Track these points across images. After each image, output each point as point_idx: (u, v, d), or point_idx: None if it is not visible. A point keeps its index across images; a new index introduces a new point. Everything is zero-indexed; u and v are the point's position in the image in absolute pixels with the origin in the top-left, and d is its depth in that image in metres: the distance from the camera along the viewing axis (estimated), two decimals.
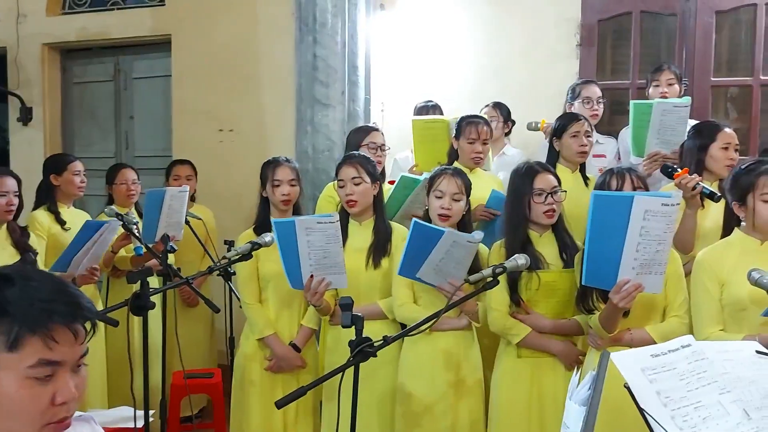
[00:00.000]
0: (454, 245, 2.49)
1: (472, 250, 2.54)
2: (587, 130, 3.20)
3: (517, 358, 2.61)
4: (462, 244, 2.49)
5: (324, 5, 4.29)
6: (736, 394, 1.40)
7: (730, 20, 4.26)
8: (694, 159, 2.93)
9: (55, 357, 1.07)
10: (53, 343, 1.06)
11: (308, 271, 2.61)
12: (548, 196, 2.57)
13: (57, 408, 1.08)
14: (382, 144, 3.42)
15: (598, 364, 1.34)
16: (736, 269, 2.27)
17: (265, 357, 2.93)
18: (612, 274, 2.20)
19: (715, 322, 2.34)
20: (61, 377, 1.08)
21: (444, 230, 2.49)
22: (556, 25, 4.48)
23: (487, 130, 3.32)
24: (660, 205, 2.11)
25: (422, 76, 4.74)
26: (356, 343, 1.91)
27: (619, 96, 4.41)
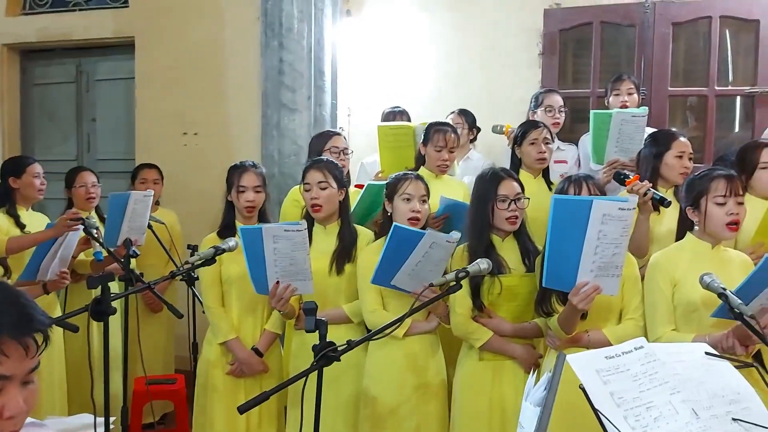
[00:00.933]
0: (434, 246, 2.51)
1: (449, 250, 2.57)
2: (546, 138, 3.26)
3: (479, 361, 2.65)
4: (441, 244, 2.52)
5: (290, 10, 4.30)
6: (686, 395, 1.45)
7: (687, 32, 4.40)
8: (650, 166, 3.02)
9: (4, 371, 1.05)
10: (2, 357, 1.04)
11: (274, 278, 2.61)
12: (512, 203, 2.62)
13: (4, 422, 1.06)
14: (344, 148, 3.44)
15: (554, 365, 1.38)
16: (688, 272, 2.35)
17: (227, 362, 2.92)
18: (571, 276, 2.25)
19: (667, 322, 2.42)
20: (10, 391, 1.06)
21: (424, 232, 2.52)
22: (519, 34, 4.56)
23: (455, 138, 3.37)
24: (617, 209, 2.17)
25: (388, 82, 4.78)
26: (320, 348, 1.92)
27: (580, 104, 4.51)
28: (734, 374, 1.53)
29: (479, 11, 4.64)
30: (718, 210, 2.37)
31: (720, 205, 2.36)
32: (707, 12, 4.21)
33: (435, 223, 3.04)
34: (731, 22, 4.23)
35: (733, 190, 2.36)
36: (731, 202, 2.35)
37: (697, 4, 4.23)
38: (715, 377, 1.50)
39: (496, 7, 4.60)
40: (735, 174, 2.44)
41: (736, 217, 2.36)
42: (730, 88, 4.30)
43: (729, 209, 2.36)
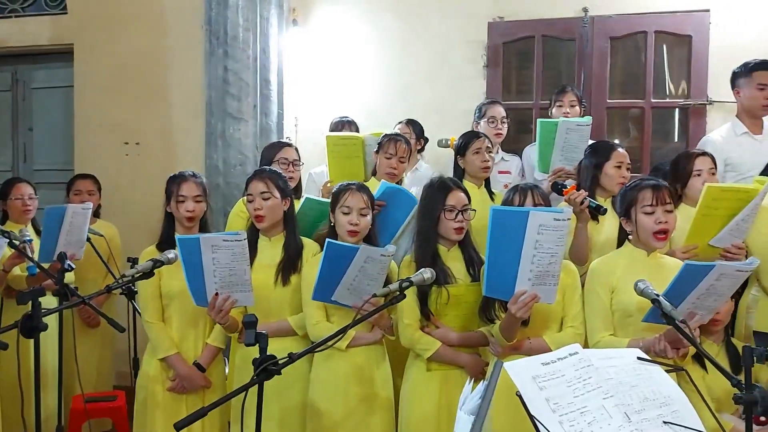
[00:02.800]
0: (369, 261, 2.51)
1: (385, 264, 2.56)
2: (488, 147, 3.32)
3: (426, 372, 2.65)
4: (376, 258, 2.52)
5: (235, 19, 4.26)
6: (619, 399, 1.49)
7: (624, 46, 4.55)
8: (590, 176, 3.10)
9: None
10: None
11: (213, 289, 2.56)
12: (459, 214, 2.64)
13: None
14: (294, 159, 3.41)
15: (490, 373, 1.39)
16: (625, 278, 2.42)
17: (168, 377, 2.84)
18: (510, 285, 2.30)
19: (605, 327, 2.48)
20: None
21: (358, 247, 2.51)
22: (464, 47, 4.64)
23: (405, 149, 3.39)
24: (553, 219, 2.22)
25: (335, 92, 4.78)
26: (260, 362, 1.89)
27: (523, 115, 4.61)
28: (665, 378, 1.57)
29: (426, 23, 4.69)
30: (647, 219, 2.44)
31: (648, 215, 2.44)
32: (643, 27, 4.36)
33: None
34: (665, 37, 4.39)
35: (660, 199, 2.44)
36: (659, 210, 2.43)
37: (633, 19, 4.38)
38: (647, 381, 1.54)
39: (441, 19, 4.66)
40: (662, 183, 2.53)
41: (665, 226, 2.44)
42: (665, 100, 4.46)
43: (657, 218, 2.43)
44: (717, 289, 2.25)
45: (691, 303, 2.25)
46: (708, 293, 2.25)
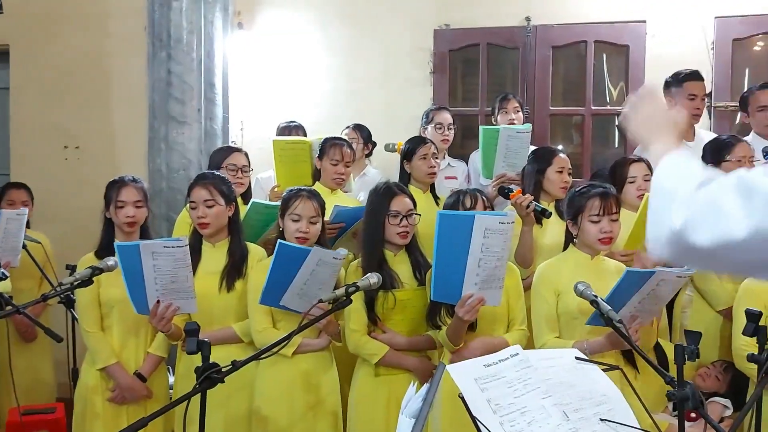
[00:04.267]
0: (320, 264, 2.49)
1: (336, 268, 2.55)
2: (435, 152, 3.36)
3: (374, 377, 2.65)
4: (328, 262, 2.50)
5: (179, 21, 4.19)
6: (557, 398, 1.52)
7: (565, 55, 4.68)
8: (533, 181, 3.18)
9: None
10: None
11: (154, 297, 2.50)
12: (403, 219, 2.65)
13: None
14: (244, 165, 3.36)
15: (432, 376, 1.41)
16: (569, 282, 2.47)
17: (108, 388, 2.77)
18: (457, 289, 2.33)
19: (551, 329, 2.55)
20: None
21: (310, 249, 2.49)
22: (412, 53, 4.68)
23: (351, 153, 3.39)
24: (498, 223, 2.27)
25: (282, 96, 4.76)
26: (202, 370, 1.87)
27: (469, 121, 4.68)
28: (602, 377, 1.62)
29: (373, 29, 4.72)
30: (593, 227, 2.52)
31: (594, 223, 2.52)
32: (583, 36, 4.50)
33: (329, 231, 3.04)
34: (605, 47, 4.54)
35: (607, 209, 2.52)
36: (605, 220, 2.51)
37: (574, 28, 4.51)
38: (584, 380, 1.59)
39: (389, 25, 4.69)
40: (611, 192, 2.60)
41: (610, 235, 2.53)
42: (605, 107, 4.61)
43: (602, 227, 2.52)
44: (658, 294, 2.34)
45: (633, 307, 2.33)
46: (649, 298, 2.33)
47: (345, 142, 3.41)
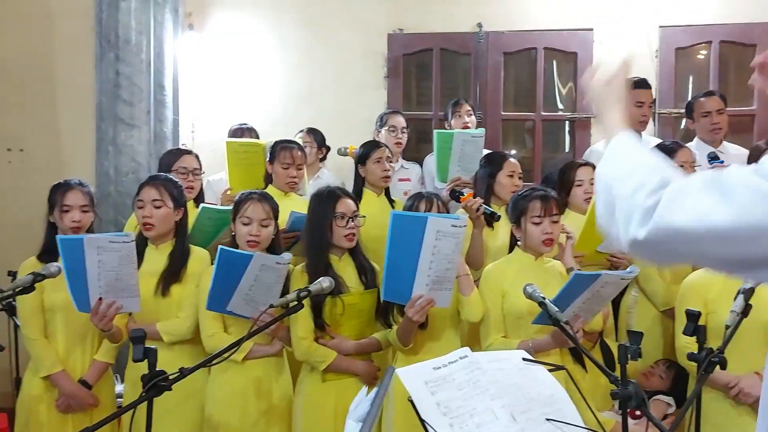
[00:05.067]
0: (264, 269, 2.47)
1: (281, 272, 2.53)
2: (389, 156, 3.38)
3: (322, 383, 2.64)
4: (271, 266, 2.48)
5: (127, 22, 4.10)
6: (505, 400, 1.54)
7: (516, 61, 4.76)
8: (485, 185, 3.24)
9: None
10: None
11: (97, 294, 2.44)
12: (349, 221, 2.66)
13: None
14: (195, 168, 3.31)
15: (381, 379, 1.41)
16: (515, 283, 2.53)
17: (53, 396, 2.68)
18: (408, 289, 2.35)
19: (497, 330, 2.60)
20: None
21: (252, 254, 2.47)
22: (366, 57, 4.69)
23: (302, 155, 3.36)
24: (450, 226, 2.30)
25: (234, 98, 4.72)
26: (149, 377, 1.83)
27: (424, 125, 4.72)
28: (548, 378, 1.64)
29: (328, 32, 4.71)
30: (535, 229, 2.58)
31: (536, 224, 2.58)
32: (533, 43, 4.58)
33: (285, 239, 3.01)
34: (554, 54, 4.64)
35: (548, 211, 2.59)
36: (546, 221, 2.57)
37: (524, 35, 4.59)
38: (531, 382, 1.61)
39: (344, 29, 4.70)
40: (551, 195, 2.67)
41: (551, 236, 2.59)
42: (555, 113, 4.71)
43: (544, 229, 2.58)
44: (601, 295, 2.41)
45: (578, 307, 2.39)
46: (593, 298, 2.39)
47: (296, 144, 3.39)
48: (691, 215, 0.97)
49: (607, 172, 1.14)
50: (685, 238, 0.98)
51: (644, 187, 1.03)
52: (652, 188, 1.02)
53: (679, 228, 0.98)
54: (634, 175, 1.07)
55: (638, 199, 1.03)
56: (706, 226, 0.96)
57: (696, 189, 0.99)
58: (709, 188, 0.98)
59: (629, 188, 1.06)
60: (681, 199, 0.99)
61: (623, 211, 1.05)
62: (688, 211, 0.98)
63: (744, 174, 0.98)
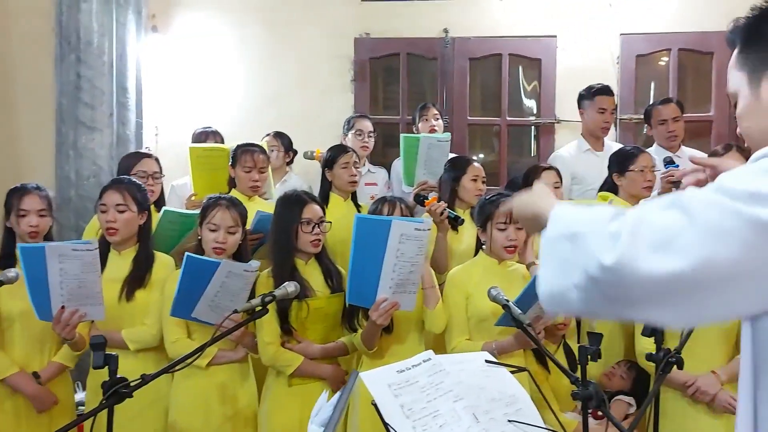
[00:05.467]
0: (230, 276, 2.45)
1: (249, 280, 2.51)
2: (356, 161, 3.38)
3: (288, 387, 2.62)
4: (238, 274, 2.46)
5: (89, 23, 4.04)
6: (468, 401, 1.57)
7: (482, 66, 4.82)
8: (449, 189, 3.26)
9: None
10: None
11: (59, 302, 2.39)
12: (315, 226, 2.65)
13: None
14: (155, 171, 3.26)
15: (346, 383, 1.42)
16: (479, 285, 2.55)
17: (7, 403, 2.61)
18: (372, 292, 2.36)
19: (461, 332, 2.62)
20: None
21: (219, 261, 2.45)
22: (332, 60, 4.70)
23: (264, 159, 3.34)
24: (414, 229, 2.31)
25: (199, 101, 4.68)
26: (109, 385, 1.80)
27: (390, 129, 4.74)
28: (510, 379, 1.67)
29: (294, 35, 4.70)
30: (500, 234, 2.61)
31: (501, 230, 2.61)
32: (498, 50, 4.65)
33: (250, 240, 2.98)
34: (519, 60, 4.71)
35: (513, 218, 2.61)
36: (511, 228, 2.61)
37: (490, 41, 4.65)
38: (494, 383, 1.64)
39: (309, 32, 4.69)
40: None
41: (514, 242, 2.63)
42: (520, 118, 4.77)
43: (508, 235, 2.61)
44: None
45: (539, 308, 2.42)
46: None
47: (257, 147, 3.36)
48: (676, 257, 0.89)
49: (553, 235, 1.06)
50: (658, 288, 0.91)
51: (602, 230, 0.95)
52: (616, 230, 0.94)
53: (651, 277, 0.90)
54: (590, 224, 0.99)
55: (591, 257, 0.94)
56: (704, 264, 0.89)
57: (661, 215, 0.93)
58: (675, 208, 0.92)
59: (573, 247, 0.99)
60: (653, 238, 0.91)
61: (563, 274, 0.99)
62: (666, 253, 0.90)
63: (707, 199, 0.92)
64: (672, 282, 0.89)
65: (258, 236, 3.01)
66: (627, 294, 0.92)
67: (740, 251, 0.88)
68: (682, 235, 0.89)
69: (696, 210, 0.91)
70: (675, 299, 0.91)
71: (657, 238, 0.90)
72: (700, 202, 0.92)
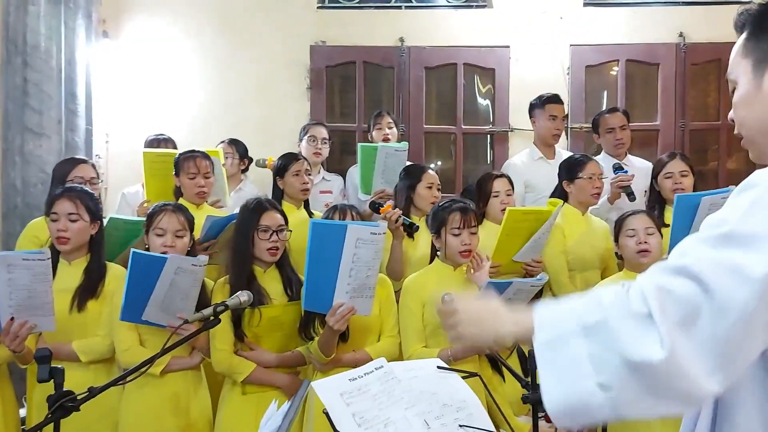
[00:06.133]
0: (180, 272, 2.41)
1: (198, 275, 2.48)
2: (308, 169, 3.38)
3: (242, 395, 2.59)
4: (187, 269, 2.43)
5: (36, 27, 3.94)
6: (420, 408, 1.58)
7: (438, 75, 4.87)
8: (404, 196, 3.29)
9: None
10: None
11: (8, 313, 2.32)
12: (273, 234, 2.63)
13: None
14: (92, 177, 3.18)
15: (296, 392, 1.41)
16: (434, 293, 2.56)
17: None
18: (329, 298, 2.36)
19: (418, 340, 2.64)
20: None
21: (166, 257, 2.41)
22: (289, 68, 4.69)
23: (207, 164, 3.29)
24: (369, 233, 2.33)
25: (152, 108, 4.61)
26: (55, 398, 1.75)
27: (347, 137, 4.75)
28: (461, 384, 1.69)
29: (249, 42, 4.68)
30: (454, 240, 2.65)
31: (456, 236, 2.65)
32: (453, 59, 4.71)
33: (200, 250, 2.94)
34: (473, 69, 4.78)
35: (467, 223, 2.67)
36: (465, 233, 2.65)
37: (445, 51, 4.71)
38: (445, 388, 1.65)
39: (265, 39, 4.67)
40: (470, 208, 2.75)
41: (469, 247, 2.67)
42: (475, 127, 4.84)
43: (463, 240, 2.65)
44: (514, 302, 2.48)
45: None
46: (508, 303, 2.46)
47: (199, 153, 3.30)
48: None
49: (550, 338, 1.01)
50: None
51: (615, 303, 0.92)
52: (616, 295, 0.92)
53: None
54: (589, 309, 0.95)
55: (631, 350, 0.89)
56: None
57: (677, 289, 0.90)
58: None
59: (599, 314, 0.93)
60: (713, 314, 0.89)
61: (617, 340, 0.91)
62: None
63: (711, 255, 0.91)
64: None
65: (209, 244, 2.98)
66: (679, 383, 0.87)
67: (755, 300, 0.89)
68: (703, 309, 0.88)
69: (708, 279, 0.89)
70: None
71: (682, 313, 0.88)
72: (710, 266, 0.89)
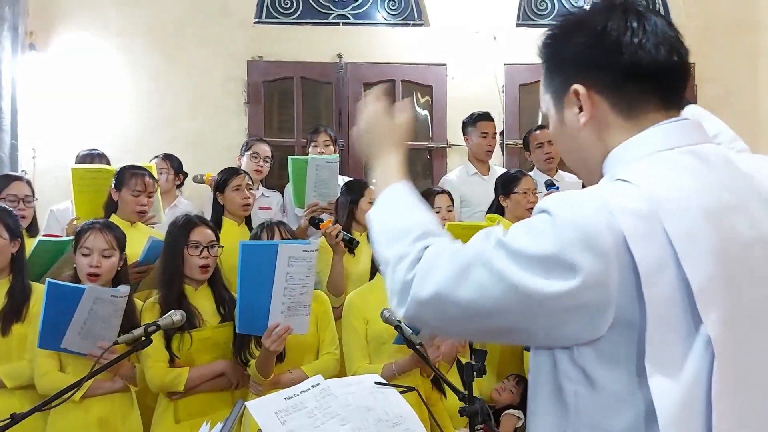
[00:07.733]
0: (98, 302, 2.32)
1: (119, 305, 2.39)
2: (249, 184, 3.33)
3: (175, 424, 2.50)
4: (106, 299, 2.34)
5: None
6: (355, 423, 1.57)
7: None
8: (347, 211, 3.28)
9: None
10: None
11: None
12: (204, 250, 2.58)
13: None
14: (26, 195, 3.06)
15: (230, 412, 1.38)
16: (377, 309, 2.56)
17: None
18: (263, 319, 2.32)
19: (362, 356, 2.62)
20: None
21: (84, 287, 2.33)
22: (225, 82, 4.64)
23: (153, 183, 3.21)
24: (302, 251, 2.31)
25: (83, 123, 4.48)
26: None
27: (285, 152, 4.69)
28: (399, 399, 1.70)
29: (183, 56, 4.61)
30: None
31: None
32: (391, 75, 4.77)
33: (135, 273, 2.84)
34: (412, 86, 4.84)
35: None
36: None
37: (383, 67, 4.77)
38: (382, 403, 1.65)
39: (200, 54, 4.62)
40: None
41: None
42: (414, 142, 4.87)
43: None
44: None
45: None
46: None
47: (145, 170, 3.23)
48: (433, 290, 0.95)
49: (378, 227, 1.09)
50: (432, 312, 0.97)
51: (407, 257, 0.99)
52: (413, 259, 0.99)
53: (425, 301, 0.95)
54: (401, 240, 1.03)
55: (400, 273, 0.99)
56: (448, 301, 0.94)
57: (445, 262, 0.96)
58: (453, 263, 0.95)
59: (395, 255, 1.02)
60: (430, 273, 0.96)
61: (389, 281, 1.02)
62: (432, 286, 0.95)
63: (484, 249, 0.95)
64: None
65: (146, 268, 2.89)
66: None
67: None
68: (453, 292, 0.94)
69: (472, 270, 0.94)
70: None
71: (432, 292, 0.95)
72: (477, 261, 0.94)
